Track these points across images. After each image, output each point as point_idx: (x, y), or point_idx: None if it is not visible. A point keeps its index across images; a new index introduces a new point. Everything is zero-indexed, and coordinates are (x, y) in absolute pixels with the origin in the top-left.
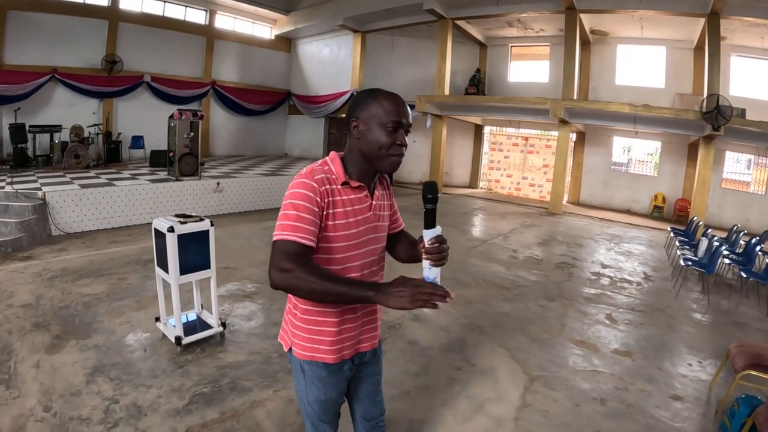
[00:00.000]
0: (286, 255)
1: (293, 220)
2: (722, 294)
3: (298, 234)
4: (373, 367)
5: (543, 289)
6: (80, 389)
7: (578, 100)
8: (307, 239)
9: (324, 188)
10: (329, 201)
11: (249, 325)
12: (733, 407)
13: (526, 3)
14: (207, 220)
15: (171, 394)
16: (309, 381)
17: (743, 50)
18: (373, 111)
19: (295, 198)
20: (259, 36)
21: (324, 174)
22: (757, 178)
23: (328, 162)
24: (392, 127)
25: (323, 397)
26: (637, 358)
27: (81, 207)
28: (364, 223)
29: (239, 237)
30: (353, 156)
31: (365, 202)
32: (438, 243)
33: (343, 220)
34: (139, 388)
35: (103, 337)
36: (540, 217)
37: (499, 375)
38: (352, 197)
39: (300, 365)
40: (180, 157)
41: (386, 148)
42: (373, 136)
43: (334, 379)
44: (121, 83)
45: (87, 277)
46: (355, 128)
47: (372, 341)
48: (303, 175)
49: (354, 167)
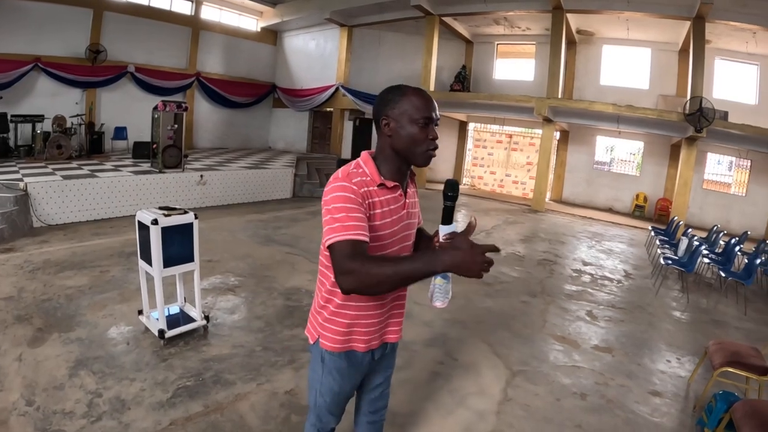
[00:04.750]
0: (346, 256)
1: (343, 221)
2: (701, 293)
3: (351, 232)
4: (389, 359)
5: (525, 286)
6: (63, 383)
7: (563, 99)
8: (361, 234)
9: (363, 190)
10: (369, 203)
11: (232, 319)
12: (711, 403)
13: (513, 2)
14: (191, 213)
15: (154, 388)
16: (326, 371)
17: (727, 54)
18: (404, 108)
19: (339, 200)
20: (245, 28)
21: (360, 177)
22: (738, 179)
23: (361, 164)
24: (423, 122)
25: (337, 389)
26: (617, 355)
27: (63, 198)
28: (399, 222)
29: (223, 230)
30: (385, 154)
31: (399, 201)
32: (452, 239)
33: (381, 221)
34: (123, 382)
35: (86, 330)
36: (523, 214)
37: (481, 369)
38: (389, 197)
39: (321, 355)
40: (163, 149)
41: (420, 143)
42: (405, 133)
43: (352, 371)
44: (105, 73)
45: (69, 269)
46: (386, 126)
47: (398, 332)
48: (341, 179)
49: (387, 166)
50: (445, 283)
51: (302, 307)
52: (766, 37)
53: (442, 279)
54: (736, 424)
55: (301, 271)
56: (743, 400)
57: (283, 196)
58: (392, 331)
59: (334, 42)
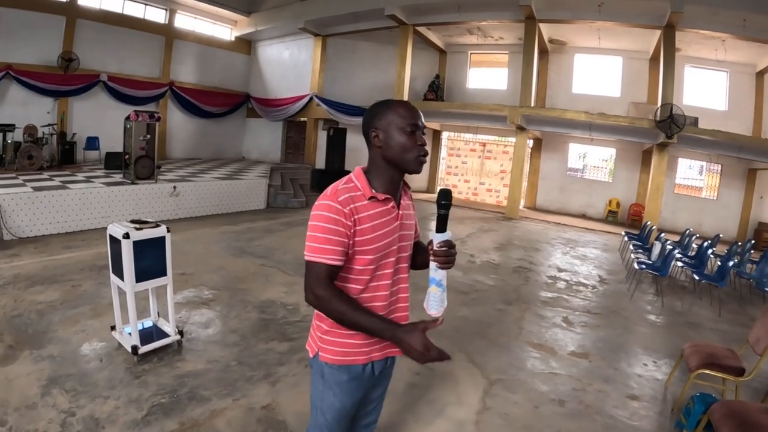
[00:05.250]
0: (319, 280)
1: (321, 242)
2: (676, 296)
3: (326, 256)
4: (389, 373)
5: (500, 294)
6: (36, 402)
7: (535, 107)
8: (335, 260)
9: (349, 208)
10: (356, 219)
11: (207, 333)
12: (689, 405)
13: (486, 11)
14: (163, 226)
15: (129, 405)
16: (327, 386)
17: (697, 61)
18: (390, 118)
19: (322, 220)
20: (219, 37)
21: (349, 193)
22: (709, 183)
23: (353, 179)
24: (410, 129)
25: (338, 405)
26: (594, 360)
27: (34, 211)
28: (392, 233)
29: (196, 242)
30: (377, 166)
31: (392, 213)
32: (446, 247)
33: (371, 234)
34: (96, 400)
35: (58, 347)
36: (497, 221)
37: (458, 379)
38: (381, 210)
39: (321, 370)
40: (136, 160)
41: (410, 149)
42: (394, 141)
43: (353, 386)
44: (77, 82)
45: (40, 284)
46: (375, 138)
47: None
48: (327, 197)
49: (379, 179)
50: (440, 292)
51: (277, 320)
52: (735, 44)
53: (437, 288)
54: (714, 426)
55: (276, 284)
56: (721, 401)
57: (257, 206)
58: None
59: (308, 51)
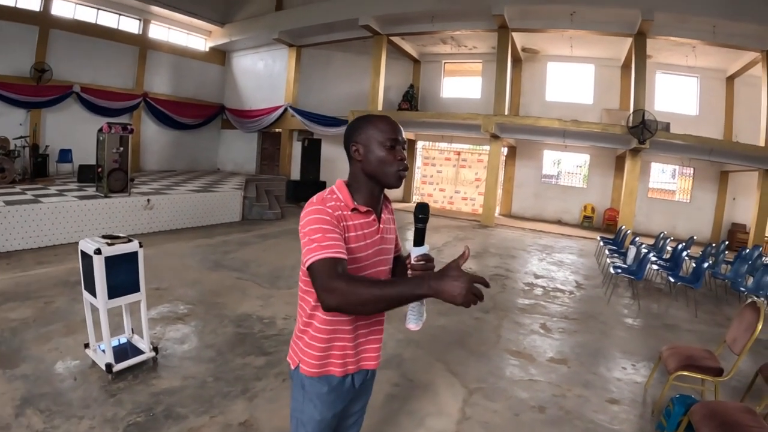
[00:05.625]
0: (328, 274)
1: (320, 240)
2: (652, 298)
3: (330, 250)
4: (369, 387)
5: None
6: (9, 422)
7: (509, 115)
8: (339, 252)
9: (338, 213)
10: (344, 225)
11: (182, 349)
12: (669, 407)
13: (460, 21)
14: (135, 242)
15: (104, 425)
16: (307, 398)
17: (668, 68)
18: (370, 133)
19: (315, 222)
20: (193, 47)
21: (334, 202)
22: (681, 187)
23: (335, 190)
24: (390, 144)
25: (318, 417)
26: (572, 365)
27: (6, 225)
28: (372, 246)
29: (171, 256)
30: (358, 179)
31: (373, 225)
32: (424, 261)
33: (355, 244)
34: (71, 420)
35: (32, 366)
36: (473, 230)
37: (438, 389)
38: (362, 221)
39: (301, 382)
40: (109, 173)
41: (389, 164)
42: (373, 156)
43: (333, 397)
44: (50, 93)
45: (13, 300)
46: (356, 152)
47: (377, 358)
48: (315, 203)
49: (360, 192)
50: (419, 305)
51: (254, 334)
52: (705, 50)
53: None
54: (695, 427)
55: (252, 297)
56: (700, 402)
57: (232, 219)
58: (370, 357)
59: (283, 62)
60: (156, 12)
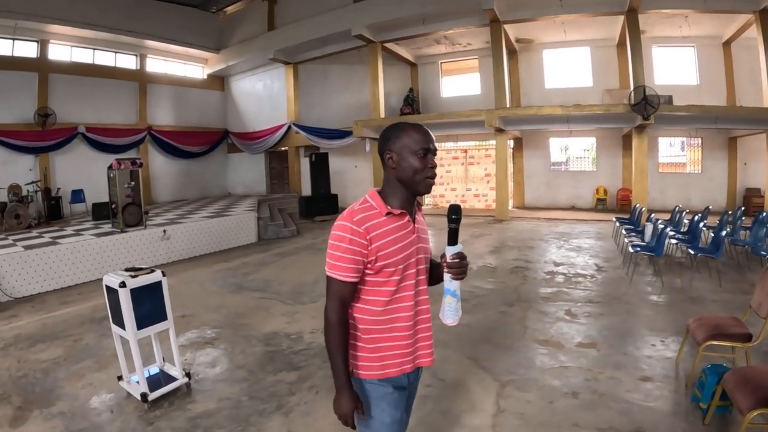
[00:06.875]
0: (334, 301)
1: (336, 260)
2: (674, 273)
3: (340, 273)
4: (417, 384)
5: (500, 296)
6: None
7: (511, 107)
8: (348, 277)
9: (364, 227)
10: (372, 237)
11: (214, 372)
12: (701, 378)
13: (451, 20)
14: (158, 271)
15: None
16: (374, 403)
17: (663, 41)
18: (404, 142)
19: (336, 239)
20: (191, 76)
21: (364, 213)
22: (691, 158)
23: (368, 199)
24: (422, 153)
25: (389, 420)
26: (601, 348)
27: (27, 269)
28: (411, 246)
29: (192, 283)
30: (391, 186)
31: (408, 226)
32: (459, 259)
33: (393, 247)
34: None
35: (67, 403)
36: (488, 225)
37: (469, 386)
38: (397, 224)
39: (362, 387)
40: (123, 208)
41: (420, 172)
42: (406, 164)
43: (398, 396)
44: (56, 136)
45: (42, 342)
46: (389, 159)
47: (431, 354)
48: (343, 218)
49: (394, 197)
50: (455, 302)
51: (283, 350)
52: (698, 18)
53: (452, 298)
54: (729, 394)
55: (277, 315)
56: (732, 369)
57: (249, 240)
58: (424, 354)
59: (281, 81)
60: (151, 46)
